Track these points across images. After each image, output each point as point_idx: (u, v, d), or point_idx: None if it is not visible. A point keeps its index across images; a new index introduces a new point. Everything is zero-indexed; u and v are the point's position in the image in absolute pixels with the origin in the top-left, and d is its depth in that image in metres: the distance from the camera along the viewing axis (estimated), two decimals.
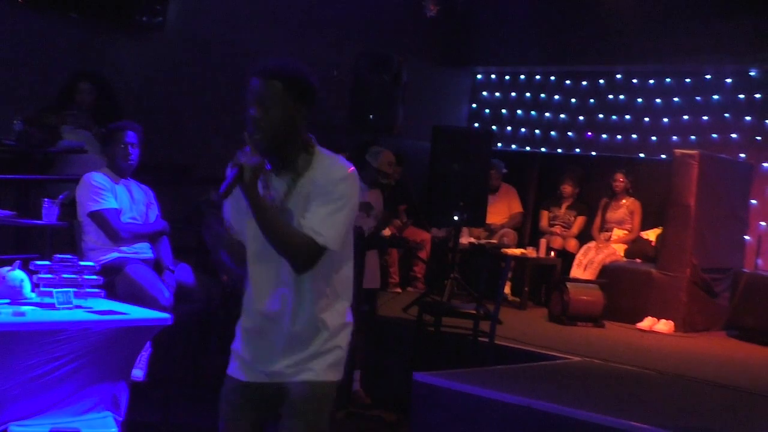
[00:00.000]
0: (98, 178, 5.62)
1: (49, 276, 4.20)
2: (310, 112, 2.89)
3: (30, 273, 4.23)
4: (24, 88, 7.51)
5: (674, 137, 10.26)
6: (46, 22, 7.75)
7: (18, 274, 4.20)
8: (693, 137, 10.13)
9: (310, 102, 2.88)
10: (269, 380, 2.94)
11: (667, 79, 10.46)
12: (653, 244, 8.95)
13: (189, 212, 6.25)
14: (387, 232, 7.21)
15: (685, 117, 10.27)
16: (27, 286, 4.21)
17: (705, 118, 10.13)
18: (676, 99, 10.38)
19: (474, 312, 6.70)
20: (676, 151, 8.77)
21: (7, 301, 4.08)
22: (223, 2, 8.91)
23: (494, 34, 10.89)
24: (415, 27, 10.34)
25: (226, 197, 2.79)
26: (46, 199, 5.56)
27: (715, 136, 10.03)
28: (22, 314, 3.90)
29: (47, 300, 4.13)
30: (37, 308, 4.07)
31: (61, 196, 5.69)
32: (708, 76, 10.16)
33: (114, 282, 5.25)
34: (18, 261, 4.32)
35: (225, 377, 3.02)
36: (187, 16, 8.65)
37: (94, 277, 4.37)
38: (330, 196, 2.83)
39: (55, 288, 4.17)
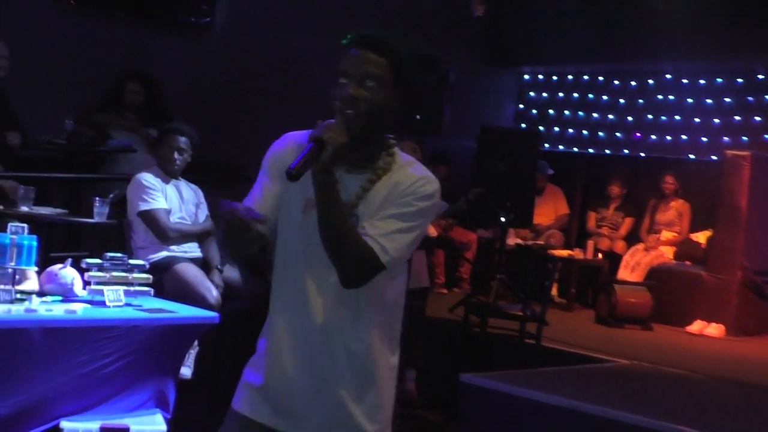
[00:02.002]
0: (149, 178, 5.67)
1: (99, 274, 4.25)
2: (405, 104, 2.47)
3: (81, 271, 4.28)
4: (73, 88, 7.60)
5: (725, 138, 10.11)
6: (95, 23, 7.84)
7: (69, 272, 4.26)
8: (745, 138, 9.98)
9: (408, 91, 2.46)
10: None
11: (718, 79, 10.31)
12: (703, 246, 8.83)
13: None
14: (433, 232, 7.18)
15: (737, 117, 10.11)
16: (78, 284, 4.26)
17: (757, 118, 9.96)
18: (727, 99, 10.22)
19: (520, 313, 6.66)
20: (728, 152, 8.64)
21: (59, 298, 4.14)
22: (270, 2, 8.95)
23: (541, 33, 10.82)
24: (461, 27, 10.30)
25: (299, 177, 2.27)
26: (96, 198, 5.62)
27: (767, 137, 9.86)
28: (74, 311, 3.95)
29: (98, 298, 4.18)
30: (88, 306, 4.11)
31: (111, 195, 5.75)
32: (760, 76, 10.00)
33: (162, 280, 5.29)
34: (69, 259, 4.37)
35: (229, 411, 2.59)
36: (235, 16, 8.70)
37: (144, 275, 4.42)
38: (409, 210, 2.39)
39: (105, 286, 4.22)
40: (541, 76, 11.79)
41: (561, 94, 11.59)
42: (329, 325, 2.41)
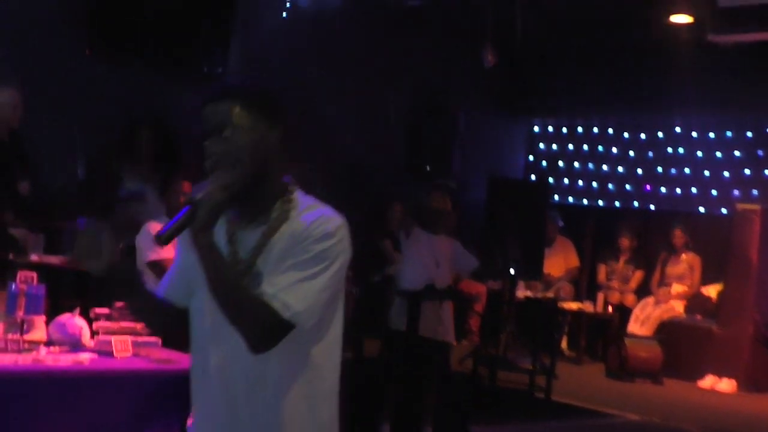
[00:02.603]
0: (157, 227, 5.66)
1: (108, 324, 4.23)
2: (283, 141, 2.33)
3: (89, 320, 4.27)
4: (87, 136, 7.65)
5: (735, 191, 10.09)
6: (110, 70, 7.91)
7: (77, 322, 4.23)
8: (755, 191, 9.96)
9: (281, 127, 2.33)
10: None
11: (728, 132, 10.32)
12: (713, 299, 8.78)
13: None
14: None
15: (747, 171, 10.11)
16: (86, 334, 4.23)
17: (767, 171, 9.96)
18: (737, 152, 10.22)
19: (530, 366, 6.62)
20: (738, 205, 8.63)
21: (67, 348, 4.11)
22: (281, 50, 9.02)
23: (552, 84, 10.88)
24: (472, 76, 10.36)
25: (169, 242, 2.16)
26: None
27: None
28: (81, 361, 3.92)
29: (106, 348, 4.15)
30: (96, 355, 4.09)
31: (121, 244, 5.75)
32: None
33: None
34: (78, 308, 4.36)
35: None
36: (247, 64, 8.77)
37: None
38: (308, 255, 2.20)
39: (113, 336, 4.20)
40: (551, 128, 11.83)
41: (571, 146, 11.61)
42: (247, 393, 2.25)
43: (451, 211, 6.81)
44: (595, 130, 11.40)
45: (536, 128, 11.94)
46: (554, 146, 11.76)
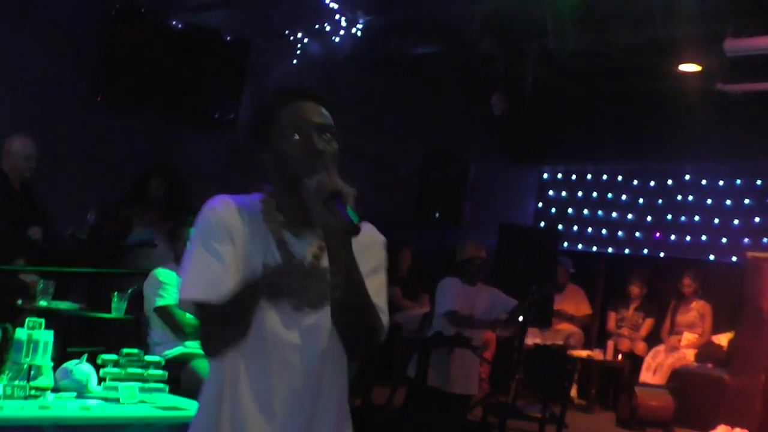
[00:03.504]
0: (164, 273, 5.68)
1: (115, 370, 4.23)
2: None
3: (97, 366, 4.27)
4: (99, 181, 7.70)
5: (745, 239, 10.07)
6: (122, 118, 7.99)
7: (84, 368, 4.24)
8: (765, 239, 9.93)
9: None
10: None
11: (737, 180, 10.33)
12: (725, 348, 8.72)
13: None
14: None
15: (757, 219, 10.09)
16: (93, 380, 4.23)
17: None
18: (747, 200, 10.22)
19: (539, 415, 6.57)
20: (748, 253, 8.60)
21: (74, 394, 4.11)
22: None
23: (561, 131, 10.92)
24: (482, 124, 10.41)
25: (358, 230, 2.08)
26: (115, 293, 5.64)
27: None
28: (87, 408, 3.92)
29: (112, 394, 4.15)
30: (103, 402, 4.08)
31: (129, 290, 5.77)
32: None
33: (179, 377, 5.26)
34: (85, 354, 4.36)
35: None
36: None
37: (159, 372, 4.39)
38: (377, 262, 2.25)
39: (120, 382, 4.20)
40: (560, 175, 11.86)
41: (580, 193, 11.63)
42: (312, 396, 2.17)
43: (486, 259, 6.85)
44: (605, 177, 11.42)
45: (546, 175, 11.97)
46: (564, 193, 11.77)
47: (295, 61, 8.83)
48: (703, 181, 10.59)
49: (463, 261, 6.68)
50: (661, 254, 10.63)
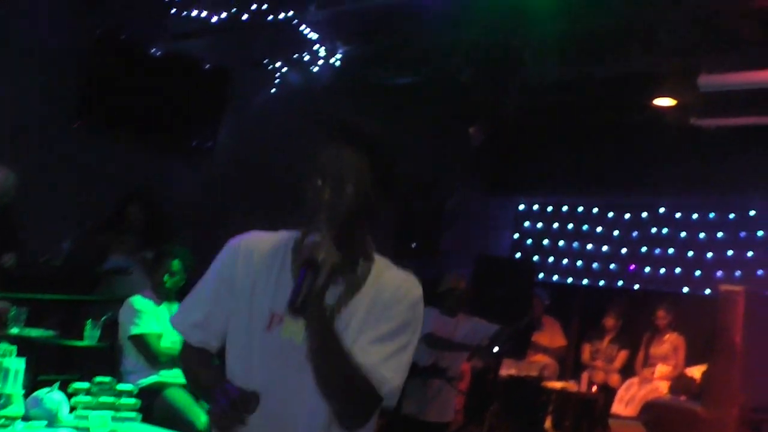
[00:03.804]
0: (139, 301, 5.66)
1: (87, 399, 4.20)
2: (387, 202, 2.15)
3: (68, 395, 4.23)
4: (75, 208, 7.67)
5: (719, 272, 10.15)
6: (100, 144, 7.97)
7: (56, 397, 4.20)
8: (738, 272, 10.01)
9: (390, 188, 2.15)
10: None
11: (711, 214, 10.42)
12: (698, 381, 8.76)
13: None
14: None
15: (730, 252, 10.18)
16: (64, 409, 4.20)
17: (750, 253, 10.02)
18: (720, 233, 10.31)
19: None
20: (722, 286, 8.65)
21: (44, 423, 4.07)
22: (273, 126, 9.11)
23: (538, 164, 11.00)
24: (460, 155, 10.46)
25: (303, 312, 1.93)
26: (88, 320, 5.61)
27: (761, 272, 9.90)
28: None
29: (83, 423, 4.11)
30: (74, 431, 4.05)
31: (103, 318, 5.74)
32: (752, 212, 10.11)
33: (152, 406, 5.23)
34: (56, 383, 4.33)
35: None
36: (238, 140, 8.85)
37: (132, 401, 4.36)
38: (398, 323, 2.07)
39: (92, 411, 4.16)
40: (536, 207, 11.91)
41: (556, 225, 11.68)
42: None
43: (466, 289, 6.87)
44: (580, 209, 11.50)
45: (522, 206, 12.02)
46: (540, 224, 11.83)
47: (274, 90, 8.86)
48: (678, 215, 10.67)
49: (442, 292, 6.70)
50: (636, 286, 10.69)
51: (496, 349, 7.77)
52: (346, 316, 2.07)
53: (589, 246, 11.32)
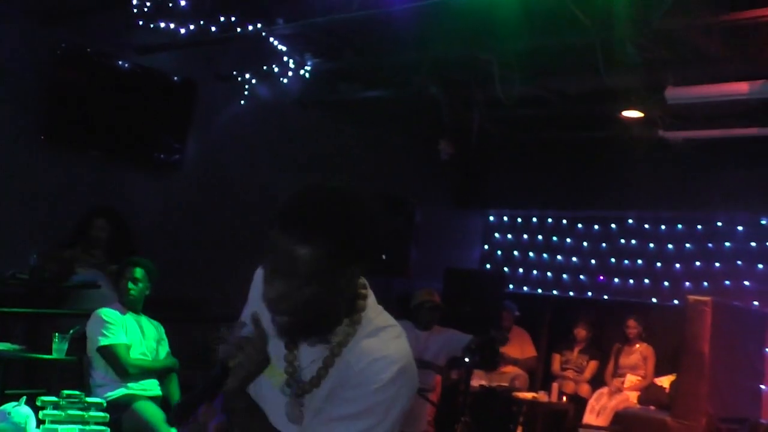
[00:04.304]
0: (108, 312, 5.63)
1: (55, 413, 4.16)
2: (368, 268, 1.95)
3: (36, 409, 4.19)
4: (41, 222, 7.60)
5: (687, 283, 10.23)
6: (65, 158, 7.90)
7: (23, 411, 4.16)
8: (705, 283, 10.10)
9: (369, 260, 1.92)
10: None
11: (679, 225, 10.51)
12: (667, 390, 8.82)
13: (199, 350, 6.23)
14: None
15: (698, 263, 10.27)
16: (32, 423, 4.16)
17: (717, 264, 10.12)
18: (688, 245, 10.40)
19: None
20: (689, 297, 8.73)
21: None
22: (239, 141, 9.10)
23: (507, 177, 11.05)
24: (429, 169, 10.50)
25: (181, 420, 1.81)
26: (56, 334, 5.55)
27: (728, 282, 10.00)
28: None
29: None
30: None
31: (71, 331, 5.68)
32: (719, 223, 10.21)
33: (120, 419, 5.18)
34: (24, 397, 4.28)
35: None
36: (204, 154, 8.82)
37: (101, 414, 4.33)
38: (360, 408, 1.87)
39: (60, 425, 4.13)
40: (506, 218, 11.97)
41: (526, 237, 11.75)
42: None
43: (438, 303, 6.87)
44: (549, 220, 11.57)
45: (492, 218, 12.07)
46: (509, 236, 11.88)
47: (242, 102, 8.84)
48: (646, 226, 10.76)
49: (414, 306, 6.72)
50: (605, 297, 10.76)
51: (467, 359, 7.80)
52: (324, 388, 1.94)
53: (559, 257, 11.39)
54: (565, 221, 11.43)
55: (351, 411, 1.86)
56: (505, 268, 11.37)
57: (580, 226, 11.30)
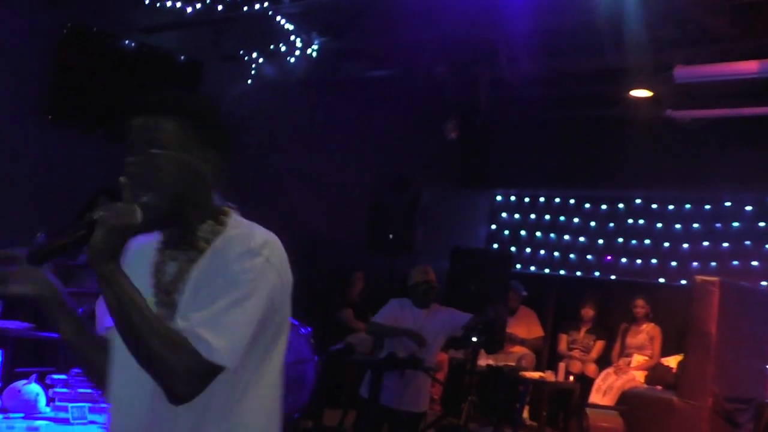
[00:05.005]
0: None
1: (64, 390, 4.18)
2: (225, 163, 2.05)
3: (46, 387, 4.21)
4: (48, 201, 7.60)
5: (694, 263, 10.22)
6: (73, 138, 7.90)
7: (33, 388, 4.18)
8: (713, 263, 10.09)
9: (223, 149, 2.04)
10: None
11: (687, 205, 10.49)
12: (674, 370, 8.82)
13: None
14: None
15: (705, 243, 10.26)
16: (42, 400, 4.18)
17: (725, 244, 10.11)
18: (695, 225, 10.38)
19: None
20: (697, 277, 8.71)
21: (21, 415, 4.05)
22: (244, 120, 9.06)
23: (514, 157, 11.02)
24: (435, 149, 10.48)
25: (41, 261, 1.85)
26: None
27: (735, 263, 9.98)
28: (36, 429, 3.86)
29: (62, 414, 4.09)
30: (52, 423, 4.02)
31: (80, 310, 5.68)
32: (728, 204, 10.19)
33: None
34: (34, 374, 4.30)
35: None
36: None
37: None
38: (226, 278, 1.86)
39: (70, 402, 4.14)
40: (513, 198, 11.95)
41: (533, 216, 11.72)
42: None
43: (433, 281, 6.86)
44: (557, 200, 11.54)
45: (498, 198, 12.05)
46: (516, 216, 11.86)
47: (249, 82, 8.81)
48: (654, 206, 10.74)
49: (410, 286, 6.71)
50: (612, 277, 10.75)
51: (474, 339, 7.80)
52: (184, 292, 1.93)
53: (566, 237, 11.38)
54: (572, 201, 11.41)
55: (217, 283, 1.86)
56: (512, 248, 11.35)
57: (587, 205, 11.28)
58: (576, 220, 11.35)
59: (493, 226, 12.01)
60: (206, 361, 1.81)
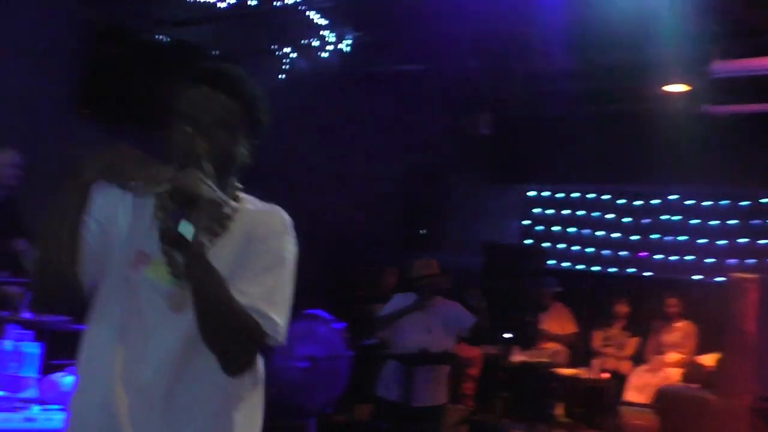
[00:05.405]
0: None
1: None
2: (255, 150, 2.16)
3: None
4: None
5: (731, 260, 10.10)
6: (104, 132, 7.92)
7: (69, 381, 4.18)
8: (751, 260, 9.96)
9: (257, 137, 2.17)
10: None
11: (724, 201, 10.36)
12: (710, 368, 8.72)
13: None
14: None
15: (741, 240, 10.13)
16: None
17: (762, 241, 9.97)
18: (732, 221, 10.25)
19: None
20: (733, 274, 8.61)
21: (59, 407, 4.05)
22: (276, 116, 9.05)
23: (547, 151, 10.94)
24: (467, 144, 10.42)
25: (175, 245, 1.86)
26: None
27: None
28: None
29: None
30: None
31: None
32: (765, 200, 10.05)
33: None
34: (71, 366, 4.30)
35: None
36: None
37: None
38: (274, 255, 1.98)
39: None
40: (546, 193, 11.85)
41: (566, 211, 11.62)
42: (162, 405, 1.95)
43: (439, 274, 6.79)
44: (590, 195, 11.43)
45: (531, 193, 11.95)
46: (549, 211, 11.77)
47: (281, 75, 8.81)
48: (689, 202, 10.62)
49: (413, 279, 6.66)
50: (647, 273, 10.64)
51: (507, 335, 7.76)
52: (214, 258, 1.93)
53: (600, 233, 11.26)
54: (606, 196, 11.29)
55: (267, 263, 1.97)
56: (546, 243, 11.26)
57: (621, 201, 11.17)
58: (610, 215, 11.23)
59: (526, 222, 11.91)
60: (269, 337, 1.91)
